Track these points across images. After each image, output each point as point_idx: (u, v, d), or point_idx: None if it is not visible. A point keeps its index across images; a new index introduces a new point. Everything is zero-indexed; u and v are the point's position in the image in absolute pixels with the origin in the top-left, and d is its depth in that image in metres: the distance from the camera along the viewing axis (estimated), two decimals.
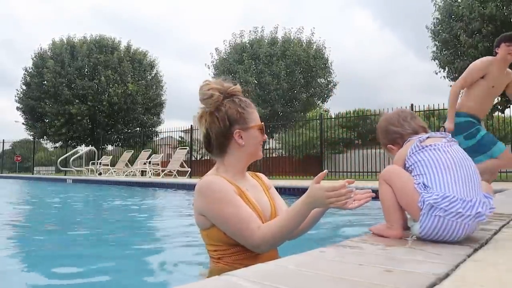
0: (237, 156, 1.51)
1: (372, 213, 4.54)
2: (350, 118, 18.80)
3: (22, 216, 4.84)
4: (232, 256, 1.42)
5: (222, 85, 1.52)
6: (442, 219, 1.18)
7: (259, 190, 1.57)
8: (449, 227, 1.18)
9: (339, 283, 0.76)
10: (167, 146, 19.69)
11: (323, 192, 1.27)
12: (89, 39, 24.01)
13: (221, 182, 1.42)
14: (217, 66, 21.74)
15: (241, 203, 1.39)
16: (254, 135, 1.50)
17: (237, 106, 1.49)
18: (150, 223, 4.15)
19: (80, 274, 1.89)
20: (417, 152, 1.34)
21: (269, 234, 1.33)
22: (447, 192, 1.20)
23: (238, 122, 1.48)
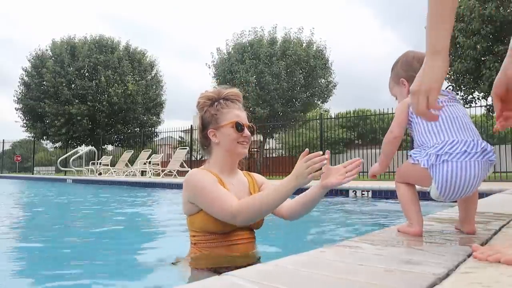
0: (218, 153, 1.72)
1: (372, 214, 4.54)
2: (350, 118, 18.82)
3: (21, 216, 4.84)
4: (206, 243, 1.63)
5: (217, 92, 1.75)
6: (450, 163, 1.16)
7: (244, 187, 1.75)
8: (460, 169, 1.16)
9: (339, 283, 0.76)
10: (167, 146, 19.72)
11: (300, 162, 1.44)
12: (89, 39, 24.01)
13: (203, 173, 1.65)
14: (217, 66, 21.75)
15: (222, 187, 1.59)
16: (227, 133, 1.68)
17: (212, 109, 1.72)
18: (150, 223, 4.15)
19: (81, 274, 1.89)
20: None
21: (245, 203, 1.50)
22: (446, 138, 1.20)
23: (211, 123, 1.71)
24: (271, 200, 1.48)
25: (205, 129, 1.73)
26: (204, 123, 1.74)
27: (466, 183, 1.17)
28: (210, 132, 1.70)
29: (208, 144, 1.74)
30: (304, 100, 21.17)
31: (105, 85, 22.55)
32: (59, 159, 17.09)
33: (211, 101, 1.74)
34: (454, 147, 1.17)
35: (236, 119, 1.69)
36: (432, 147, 1.21)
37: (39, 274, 1.88)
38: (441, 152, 1.18)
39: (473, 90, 11.86)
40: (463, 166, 1.16)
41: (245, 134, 1.70)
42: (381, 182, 8.45)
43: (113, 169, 15.56)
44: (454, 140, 1.19)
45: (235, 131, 1.68)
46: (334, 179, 1.60)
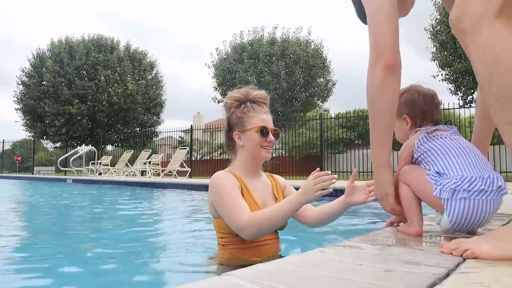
0: (242, 156, 1.74)
1: (372, 214, 4.54)
2: (350, 118, 18.80)
3: (21, 216, 4.84)
4: (233, 244, 1.64)
5: (244, 94, 1.77)
6: (468, 201, 1.17)
7: (268, 190, 1.77)
8: (477, 208, 1.17)
9: (339, 283, 0.76)
10: (167, 146, 19.71)
11: (309, 179, 1.46)
12: (88, 39, 24.00)
13: (225, 176, 1.66)
14: (217, 66, 21.75)
15: (238, 195, 1.60)
16: (251, 137, 1.70)
17: (239, 111, 1.73)
18: (150, 223, 4.15)
19: (81, 274, 1.89)
20: (425, 141, 1.35)
21: (254, 219, 1.51)
22: (465, 174, 1.19)
23: (237, 125, 1.73)
24: (277, 217, 1.51)
25: (230, 130, 1.76)
26: (230, 124, 1.76)
27: (481, 219, 1.19)
28: (235, 134, 1.73)
29: (233, 146, 1.76)
30: (303, 100, 21.18)
31: (105, 85, 22.55)
32: (59, 159, 17.08)
33: (238, 103, 1.76)
34: (473, 184, 1.17)
35: (261, 124, 1.71)
36: (449, 180, 1.21)
37: (40, 274, 1.88)
38: (459, 188, 1.18)
39: (472, 91, 11.85)
40: (480, 204, 1.17)
41: (269, 139, 1.71)
42: None
43: (113, 169, 15.56)
44: (472, 177, 1.19)
45: (260, 136, 1.69)
46: (358, 198, 1.63)
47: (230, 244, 1.65)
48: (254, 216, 1.52)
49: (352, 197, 1.64)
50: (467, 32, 0.99)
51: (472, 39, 0.98)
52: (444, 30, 11.90)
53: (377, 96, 1.32)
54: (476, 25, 0.96)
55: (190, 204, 6.16)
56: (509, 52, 0.91)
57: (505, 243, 0.97)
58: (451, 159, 1.25)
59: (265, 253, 1.66)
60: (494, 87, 0.95)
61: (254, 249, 1.64)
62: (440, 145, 1.30)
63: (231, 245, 1.65)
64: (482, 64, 0.97)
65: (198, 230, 3.38)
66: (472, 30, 0.97)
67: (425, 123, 1.43)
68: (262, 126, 1.69)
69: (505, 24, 0.93)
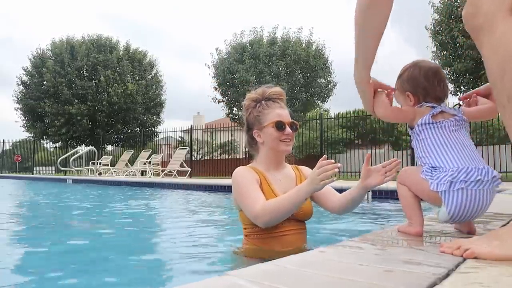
0: (263, 152, 1.84)
1: (372, 214, 4.54)
2: (350, 118, 18.81)
3: (21, 216, 4.84)
4: (255, 234, 1.73)
5: (260, 93, 1.87)
6: (465, 191, 1.19)
7: (292, 182, 1.84)
8: (474, 198, 1.19)
9: (339, 283, 0.76)
10: (167, 146, 19.72)
11: (314, 170, 1.51)
12: (88, 39, 24.01)
13: (245, 170, 1.77)
14: (217, 66, 21.75)
15: (255, 187, 1.69)
16: (269, 132, 1.78)
17: (255, 110, 1.83)
18: (150, 223, 4.15)
19: (81, 274, 1.89)
20: (427, 126, 1.34)
21: (266, 207, 1.59)
22: (460, 166, 1.22)
23: (255, 124, 1.82)
24: (287, 205, 1.58)
25: (250, 130, 1.86)
26: (249, 124, 1.87)
27: (479, 210, 1.21)
28: (255, 133, 1.83)
29: (255, 144, 1.86)
30: (304, 100, 21.17)
31: (105, 85, 22.55)
32: (59, 159, 17.09)
33: (255, 103, 1.85)
34: (469, 174, 1.19)
35: (277, 118, 1.78)
36: (446, 172, 1.22)
37: (39, 274, 1.88)
38: (456, 179, 1.20)
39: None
40: (477, 194, 1.19)
41: (287, 132, 1.78)
42: None
43: (113, 169, 15.56)
44: (468, 168, 1.21)
45: (276, 130, 1.77)
46: (374, 180, 1.64)
47: (252, 234, 1.74)
48: (265, 205, 1.60)
49: (368, 180, 1.65)
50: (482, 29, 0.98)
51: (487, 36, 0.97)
52: (445, 29, 11.89)
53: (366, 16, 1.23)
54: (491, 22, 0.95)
55: (190, 204, 6.16)
56: None
57: (505, 244, 0.97)
58: (446, 152, 1.27)
59: (287, 244, 1.70)
60: (507, 84, 0.94)
61: (276, 240, 1.70)
62: (439, 136, 1.30)
63: (254, 235, 1.74)
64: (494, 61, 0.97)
65: (198, 230, 3.38)
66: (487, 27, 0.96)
67: (428, 99, 1.39)
68: (277, 121, 1.77)
69: None
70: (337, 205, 1.81)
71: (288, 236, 1.71)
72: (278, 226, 1.69)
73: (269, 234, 1.69)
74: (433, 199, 1.27)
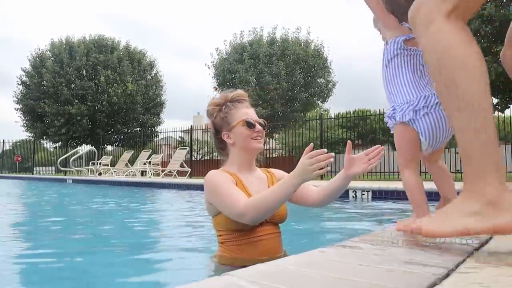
0: (234, 153, 1.77)
1: (372, 214, 4.54)
2: (350, 118, 18.81)
3: (21, 216, 4.84)
4: (233, 241, 1.65)
5: (223, 97, 1.81)
6: (429, 115, 1.32)
7: (263, 184, 1.78)
8: (440, 118, 1.32)
9: (339, 283, 0.76)
10: (167, 146, 19.72)
11: (304, 159, 1.45)
12: (88, 39, 24.02)
13: (218, 173, 1.70)
14: (217, 66, 21.75)
15: (232, 186, 1.62)
16: (239, 132, 1.73)
17: (221, 113, 1.78)
18: (150, 223, 4.15)
19: (80, 274, 1.89)
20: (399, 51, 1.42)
21: (252, 202, 1.53)
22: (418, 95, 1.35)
23: (223, 126, 1.77)
24: (274, 200, 1.51)
25: (218, 133, 1.80)
26: (216, 127, 1.81)
27: (446, 129, 1.33)
28: (224, 134, 1.77)
29: (224, 147, 1.80)
30: (303, 100, 21.16)
31: (105, 85, 22.56)
32: (59, 159, 17.09)
33: (220, 106, 1.80)
34: (428, 100, 1.32)
35: (245, 117, 1.74)
36: (408, 104, 1.35)
37: (39, 274, 1.88)
38: (417, 107, 1.32)
39: None
40: (441, 115, 1.32)
41: (257, 129, 1.75)
42: (381, 182, 8.44)
43: (113, 169, 15.55)
44: (426, 95, 1.33)
45: (247, 128, 1.73)
46: (357, 168, 1.65)
47: (228, 241, 1.66)
48: (250, 201, 1.54)
49: (352, 169, 1.66)
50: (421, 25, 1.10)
51: (423, 31, 1.09)
52: None
53: None
54: (430, 20, 1.07)
55: (190, 204, 6.16)
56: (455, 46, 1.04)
57: (446, 221, 1.03)
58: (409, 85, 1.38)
59: (265, 250, 1.64)
60: (444, 76, 1.05)
61: (253, 245, 1.63)
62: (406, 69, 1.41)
63: (230, 242, 1.66)
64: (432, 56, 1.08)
65: (198, 230, 3.38)
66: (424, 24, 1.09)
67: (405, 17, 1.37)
68: (247, 118, 1.74)
69: (453, 24, 1.06)
70: (319, 198, 1.78)
71: (265, 241, 1.65)
72: (255, 231, 1.64)
73: (246, 239, 1.63)
74: (414, 141, 1.36)
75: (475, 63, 1.03)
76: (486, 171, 0.97)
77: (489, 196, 0.96)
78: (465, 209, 1.00)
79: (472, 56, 1.03)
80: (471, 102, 0.99)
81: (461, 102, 1.01)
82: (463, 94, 1.01)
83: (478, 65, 1.03)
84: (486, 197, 0.97)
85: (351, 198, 6.10)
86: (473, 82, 1.01)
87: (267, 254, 1.64)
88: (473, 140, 0.98)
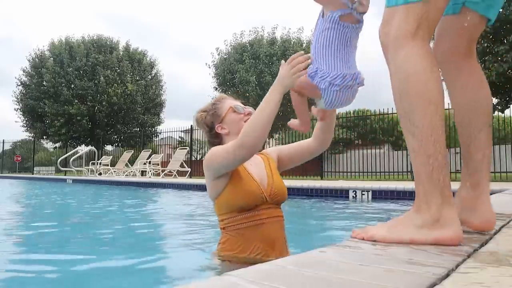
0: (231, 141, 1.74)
1: (372, 214, 4.55)
2: (350, 118, 18.82)
3: (21, 216, 4.84)
4: (235, 225, 1.67)
5: (206, 104, 1.90)
6: (338, 92, 1.50)
7: (261, 166, 1.81)
8: (344, 96, 1.52)
9: (339, 283, 0.76)
10: (167, 146, 19.72)
11: (283, 66, 1.54)
12: (88, 39, 24.02)
13: None
14: (217, 66, 21.75)
15: None
16: (230, 118, 1.80)
17: (209, 111, 1.84)
18: (150, 223, 4.15)
19: (80, 274, 1.89)
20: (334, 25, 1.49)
21: (245, 125, 1.57)
22: (339, 71, 1.48)
23: (214, 121, 1.82)
24: (264, 114, 1.55)
25: (212, 129, 1.84)
26: (208, 125, 1.85)
27: (347, 102, 1.55)
28: (217, 127, 1.81)
29: (220, 140, 1.83)
30: None
31: (105, 85, 22.56)
32: (59, 159, 17.09)
33: (206, 112, 1.87)
34: (344, 80, 1.47)
35: (232, 104, 1.82)
36: (328, 74, 1.48)
37: (39, 274, 1.88)
38: (333, 82, 1.47)
39: None
40: (347, 93, 1.51)
41: (247, 111, 1.80)
42: (381, 182, 8.44)
43: (113, 169, 15.56)
44: (345, 74, 1.47)
45: (237, 114, 1.80)
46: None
47: (230, 226, 1.67)
48: (244, 126, 1.58)
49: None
50: (389, 50, 1.17)
51: (392, 56, 1.15)
52: None
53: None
54: (395, 45, 1.14)
55: (190, 204, 6.16)
56: (417, 73, 1.10)
57: (394, 229, 1.16)
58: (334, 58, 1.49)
59: (267, 234, 1.65)
60: (403, 101, 1.14)
61: (255, 229, 1.64)
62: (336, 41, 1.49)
63: (232, 227, 1.67)
64: (396, 80, 1.15)
65: (198, 230, 3.39)
66: (393, 49, 1.15)
67: None
68: (234, 104, 1.81)
69: (419, 45, 1.11)
70: (315, 141, 1.85)
71: (267, 225, 1.66)
72: (258, 213, 1.65)
73: (248, 222, 1.64)
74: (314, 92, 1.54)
75: (434, 92, 1.10)
76: (432, 193, 1.09)
77: (433, 214, 1.09)
78: (413, 222, 1.13)
79: (432, 84, 1.10)
80: (425, 130, 1.08)
81: (415, 129, 1.10)
82: (418, 121, 1.09)
83: (436, 94, 1.10)
84: (430, 214, 1.10)
85: (351, 198, 6.11)
86: (428, 110, 1.09)
87: (268, 239, 1.65)
88: (424, 164, 1.09)
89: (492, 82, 10.40)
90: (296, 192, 6.84)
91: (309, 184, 7.07)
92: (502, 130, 11.93)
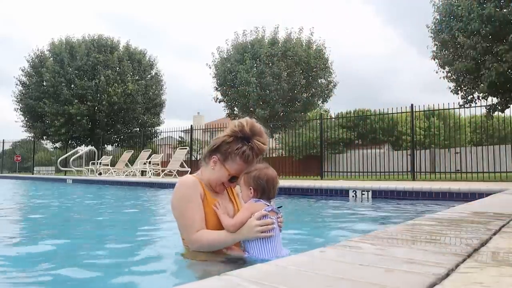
0: (208, 174, 1.93)
1: (372, 214, 4.54)
2: (350, 118, 18.81)
3: (21, 216, 4.84)
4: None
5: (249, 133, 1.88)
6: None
7: (225, 196, 1.99)
8: None
9: (339, 283, 0.76)
10: (167, 146, 19.71)
11: (252, 220, 1.72)
12: (88, 39, 24.01)
13: (192, 182, 1.87)
14: (218, 66, 21.73)
15: (198, 206, 1.82)
16: (221, 172, 1.89)
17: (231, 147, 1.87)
18: (150, 223, 4.15)
19: (78, 274, 1.89)
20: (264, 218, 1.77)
21: (204, 237, 1.78)
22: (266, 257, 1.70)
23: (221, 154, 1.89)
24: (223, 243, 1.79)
25: (214, 151, 1.92)
26: (218, 147, 1.91)
27: None
28: (213, 157, 1.91)
29: (208, 162, 1.95)
30: (304, 100, 21.15)
31: (105, 85, 22.54)
32: (59, 159, 17.08)
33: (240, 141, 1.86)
34: None
35: (236, 173, 1.89)
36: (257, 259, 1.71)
37: (38, 274, 1.88)
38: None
39: (473, 90, 11.81)
40: None
41: (232, 185, 1.96)
42: (381, 182, 8.44)
43: (113, 169, 15.56)
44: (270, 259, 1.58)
45: (227, 179, 1.91)
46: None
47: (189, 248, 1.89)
48: (203, 235, 1.78)
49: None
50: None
51: None
52: (446, 28, 11.87)
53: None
54: None
55: None
56: None
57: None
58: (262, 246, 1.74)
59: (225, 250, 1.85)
60: None
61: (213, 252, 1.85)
62: None
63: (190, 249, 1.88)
64: None
65: None
66: None
67: (264, 197, 1.84)
68: (234, 175, 1.90)
69: None
70: None
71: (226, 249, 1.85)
72: None
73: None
74: None
75: None
76: None
77: None
78: None
79: None
80: None
81: None
82: None
83: None
84: None
85: (351, 198, 6.10)
86: None
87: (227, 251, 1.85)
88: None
89: (492, 82, 10.40)
90: (296, 192, 6.83)
91: (309, 184, 7.07)
92: (502, 130, 11.92)
